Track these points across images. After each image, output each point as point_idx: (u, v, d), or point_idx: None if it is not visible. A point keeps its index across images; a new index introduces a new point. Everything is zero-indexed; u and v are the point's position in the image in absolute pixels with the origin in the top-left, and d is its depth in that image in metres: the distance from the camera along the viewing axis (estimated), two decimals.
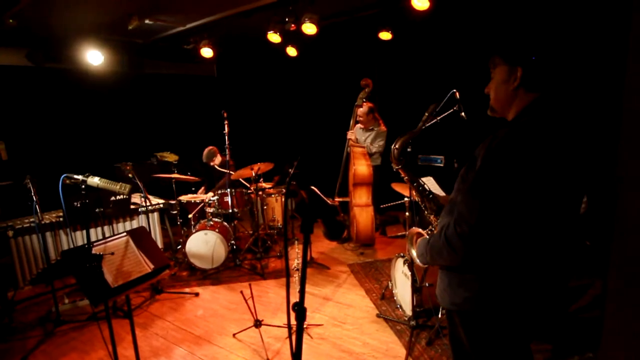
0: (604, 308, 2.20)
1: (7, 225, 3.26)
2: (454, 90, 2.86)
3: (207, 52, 5.15)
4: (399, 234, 5.07)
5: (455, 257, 1.28)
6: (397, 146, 1.76)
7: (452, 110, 2.90)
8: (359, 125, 4.72)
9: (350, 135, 4.41)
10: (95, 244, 2.23)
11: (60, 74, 5.24)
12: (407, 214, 3.58)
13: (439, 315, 2.92)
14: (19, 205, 3.70)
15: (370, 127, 4.63)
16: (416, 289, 2.91)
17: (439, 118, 2.87)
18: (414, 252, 1.67)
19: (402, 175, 1.83)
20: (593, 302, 3.21)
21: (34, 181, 3.15)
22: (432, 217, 1.80)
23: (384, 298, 3.46)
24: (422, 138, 3.44)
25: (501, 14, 4.26)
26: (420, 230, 1.76)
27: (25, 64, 5.01)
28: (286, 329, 2.99)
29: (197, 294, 3.73)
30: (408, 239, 1.79)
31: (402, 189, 3.51)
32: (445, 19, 4.42)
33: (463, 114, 2.91)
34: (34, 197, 3.07)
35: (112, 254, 2.16)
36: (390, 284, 3.38)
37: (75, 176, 2.02)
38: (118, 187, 2.08)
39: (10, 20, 4.10)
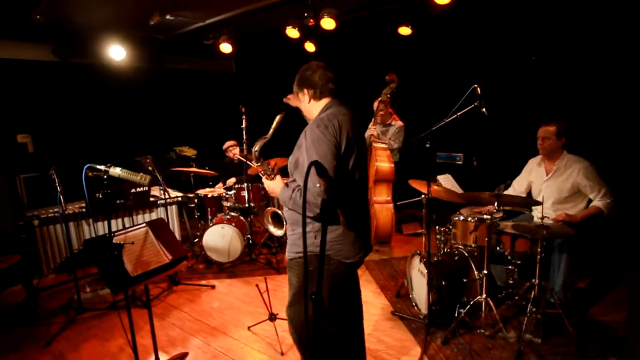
0: (629, 310, 2.13)
1: (33, 215, 3.37)
2: (475, 86, 2.81)
3: (226, 48, 5.19)
4: (416, 231, 5.02)
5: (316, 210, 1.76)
6: (257, 148, 2.09)
7: (472, 105, 2.86)
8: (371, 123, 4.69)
9: (372, 130, 4.36)
10: (116, 233, 2.29)
11: (84, 69, 5.37)
12: (423, 211, 3.53)
13: (456, 315, 2.88)
14: (44, 196, 3.82)
15: (388, 122, 4.59)
16: (432, 287, 2.88)
17: (459, 114, 2.84)
18: (271, 228, 2.47)
19: (260, 171, 2.11)
20: (614, 303, 3.12)
21: (59, 172, 3.25)
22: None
23: (400, 296, 3.44)
24: (440, 135, 3.41)
25: (522, 9, 4.15)
26: (274, 209, 2.23)
27: (51, 59, 5.15)
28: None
29: (213, 287, 3.79)
30: (265, 218, 2.19)
31: (420, 186, 3.46)
32: (466, 14, 4.32)
33: (484, 109, 2.86)
34: (58, 187, 3.16)
35: (132, 243, 2.21)
36: (406, 282, 3.35)
37: (98, 166, 2.07)
38: (138, 178, 2.12)
39: (38, 17, 4.21)
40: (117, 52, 5.01)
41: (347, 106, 2.02)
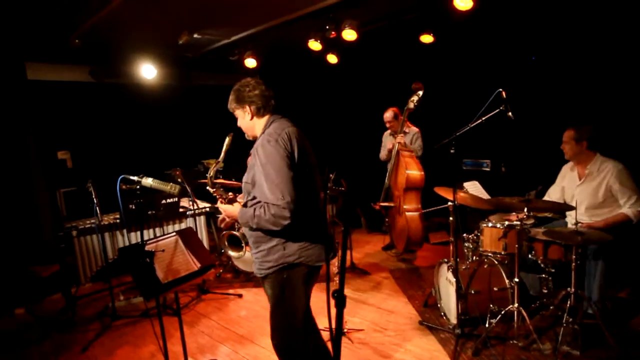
0: None
1: (71, 226, 3.56)
2: (500, 90, 2.78)
3: (250, 63, 5.34)
4: (444, 240, 4.93)
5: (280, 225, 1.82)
6: (211, 174, 2.20)
7: (498, 110, 2.82)
8: (387, 132, 4.69)
9: (400, 139, 4.34)
10: (148, 242, 2.38)
11: (118, 88, 5.65)
12: (450, 218, 3.47)
13: (486, 325, 2.80)
14: (82, 209, 4.02)
15: (405, 130, 4.57)
16: (461, 296, 2.81)
17: (483, 118, 2.81)
18: (229, 252, 2.34)
19: (216, 195, 2.19)
20: None
21: (95, 185, 3.42)
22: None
23: (427, 305, 3.37)
24: (466, 141, 3.35)
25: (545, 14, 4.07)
26: (230, 232, 2.28)
27: (89, 80, 5.46)
28: (326, 332, 2.99)
29: (240, 296, 3.84)
30: (221, 242, 2.25)
31: (446, 193, 3.41)
32: (488, 18, 4.28)
33: (510, 113, 2.81)
34: (94, 199, 3.32)
35: (163, 251, 2.29)
36: (433, 291, 3.29)
37: (131, 177, 2.18)
38: (169, 187, 2.21)
39: (77, 41, 4.50)
40: (148, 71, 5.26)
41: (288, 118, 2.07)
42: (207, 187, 2.12)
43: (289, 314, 2.00)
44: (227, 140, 2.14)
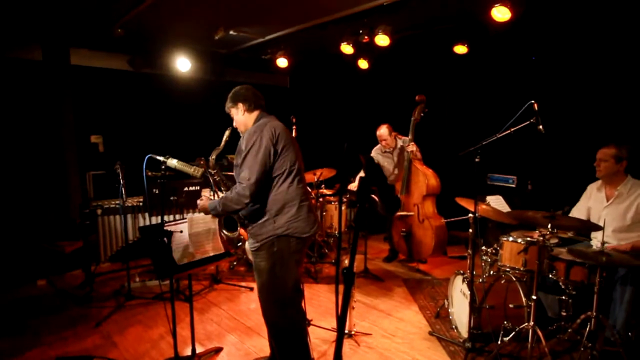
0: None
1: (97, 205, 3.69)
2: (532, 102, 2.72)
3: (282, 62, 5.43)
4: (461, 255, 4.82)
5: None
6: (213, 157, 2.51)
7: (528, 122, 2.75)
8: (377, 150, 4.67)
9: (412, 147, 4.33)
10: (167, 223, 2.44)
11: (153, 78, 5.84)
12: (470, 230, 3.39)
13: (499, 342, 2.71)
14: (108, 192, 4.17)
15: (399, 145, 4.53)
16: (474, 309, 2.74)
17: (512, 129, 2.75)
18: (224, 232, 2.44)
19: (216, 177, 2.50)
20: None
21: (123, 167, 3.55)
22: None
23: (439, 317, 3.29)
24: (493, 156, 3.26)
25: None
26: None
27: (127, 68, 5.67)
28: (333, 333, 2.97)
29: (251, 289, 3.87)
30: (219, 223, 2.47)
31: (467, 204, 3.34)
32: (524, 30, 4.19)
33: (541, 127, 2.74)
34: (121, 180, 3.44)
35: (181, 232, 2.34)
36: (446, 303, 3.21)
37: (158, 157, 2.25)
38: (192, 170, 2.27)
39: (119, 30, 4.70)
40: (183, 64, 5.42)
41: (275, 116, 2.40)
42: (209, 169, 2.40)
43: (280, 287, 2.23)
44: (227, 132, 2.53)
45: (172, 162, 2.28)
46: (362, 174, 4.58)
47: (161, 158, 2.28)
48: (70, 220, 4.51)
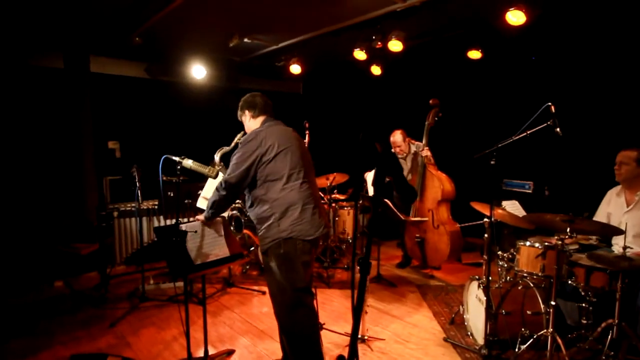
0: None
1: (114, 207, 3.75)
2: (549, 104, 2.68)
3: (295, 69, 5.48)
4: (476, 261, 4.74)
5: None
6: (219, 154, 2.66)
7: (545, 125, 2.72)
8: (399, 155, 4.63)
9: (426, 152, 4.30)
10: (182, 224, 2.47)
11: (169, 86, 5.96)
12: (485, 235, 3.33)
13: (516, 349, 2.64)
14: (124, 197, 4.24)
15: (413, 151, 4.50)
16: (491, 316, 2.68)
17: (529, 132, 2.71)
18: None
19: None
20: None
21: (139, 170, 3.61)
22: None
23: (454, 323, 3.23)
24: (509, 161, 3.20)
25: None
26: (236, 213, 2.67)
27: (144, 76, 5.80)
28: (346, 338, 2.94)
29: (264, 292, 3.86)
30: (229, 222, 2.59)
31: (483, 209, 3.29)
32: (539, 32, 4.15)
33: (558, 129, 2.70)
34: (137, 183, 3.50)
35: (196, 232, 2.36)
36: (461, 309, 3.15)
37: (174, 157, 2.29)
38: (207, 170, 2.31)
39: (137, 39, 4.82)
40: (198, 72, 5.52)
41: (279, 120, 2.46)
42: (215, 166, 2.51)
43: (287, 288, 2.25)
44: (238, 135, 2.60)
45: (188, 163, 2.31)
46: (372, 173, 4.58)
47: (177, 158, 2.32)
48: (87, 223, 4.60)
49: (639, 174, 2.77)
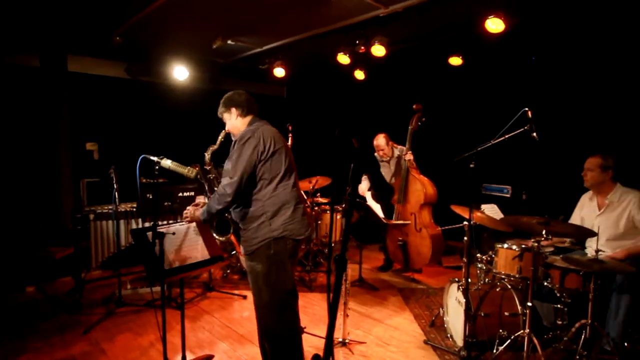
0: None
1: (90, 210, 3.65)
2: (526, 109, 2.75)
3: (279, 72, 5.48)
4: (457, 265, 4.80)
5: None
6: (209, 154, 2.86)
7: (522, 129, 2.78)
8: (376, 158, 4.67)
9: (409, 156, 4.34)
10: (160, 226, 2.41)
11: (150, 87, 5.85)
12: (465, 238, 3.38)
13: (494, 350, 2.67)
14: (102, 199, 4.13)
15: (396, 155, 4.55)
16: (470, 317, 2.71)
17: (507, 136, 2.77)
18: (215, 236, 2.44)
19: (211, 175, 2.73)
20: None
21: (117, 172, 3.52)
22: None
23: (434, 325, 3.26)
24: (488, 165, 3.22)
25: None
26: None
27: (124, 76, 5.69)
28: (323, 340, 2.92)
29: (245, 297, 3.81)
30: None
31: (462, 212, 3.33)
32: (518, 40, 4.26)
33: (535, 134, 2.76)
34: (114, 184, 3.42)
35: (174, 234, 2.32)
36: (441, 311, 3.18)
37: (152, 157, 2.24)
38: (186, 170, 2.27)
39: (117, 38, 4.73)
40: (180, 73, 5.45)
41: (267, 121, 2.41)
42: (205, 166, 2.56)
43: (277, 290, 2.21)
44: (222, 133, 2.60)
45: (166, 163, 2.26)
46: (365, 183, 4.59)
47: (155, 158, 2.26)
48: (62, 226, 4.46)
49: (605, 180, 2.86)
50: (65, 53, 4.98)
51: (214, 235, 2.27)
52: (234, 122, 2.39)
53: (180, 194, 3.71)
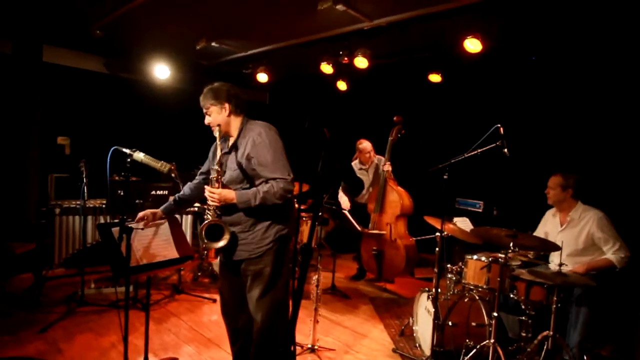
0: None
1: (56, 204, 3.51)
2: (498, 125, 2.85)
3: (262, 77, 5.49)
4: (428, 276, 4.85)
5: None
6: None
7: (494, 145, 2.87)
8: (356, 164, 4.76)
9: (388, 167, 4.41)
10: (129, 221, 2.34)
11: (129, 83, 5.74)
12: (437, 249, 3.44)
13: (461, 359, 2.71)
14: (70, 194, 3.98)
15: (375, 163, 4.64)
16: (438, 327, 2.74)
17: (479, 150, 2.86)
18: (211, 244, 2.16)
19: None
20: None
21: (87, 166, 3.41)
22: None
23: (403, 335, 3.27)
24: (461, 181, 3.28)
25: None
26: (211, 221, 2.18)
27: (102, 71, 5.56)
28: (299, 348, 2.88)
29: (214, 300, 3.73)
30: (199, 234, 2.18)
31: (435, 223, 3.39)
32: (495, 61, 4.44)
33: (506, 150, 2.86)
34: (84, 179, 3.30)
35: (142, 229, 2.25)
36: (411, 320, 3.21)
37: (124, 149, 2.18)
38: (159, 165, 2.22)
39: (98, 32, 4.63)
40: (162, 72, 5.37)
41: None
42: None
43: (283, 287, 2.18)
44: (217, 128, 2.32)
45: (139, 156, 2.21)
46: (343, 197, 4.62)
47: (127, 150, 2.20)
48: (25, 220, 4.27)
49: (565, 198, 2.99)
50: (41, 42, 4.84)
51: (205, 241, 2.11)
52: (225, 118, 2.20)
53: (154, 192, 3.63)
